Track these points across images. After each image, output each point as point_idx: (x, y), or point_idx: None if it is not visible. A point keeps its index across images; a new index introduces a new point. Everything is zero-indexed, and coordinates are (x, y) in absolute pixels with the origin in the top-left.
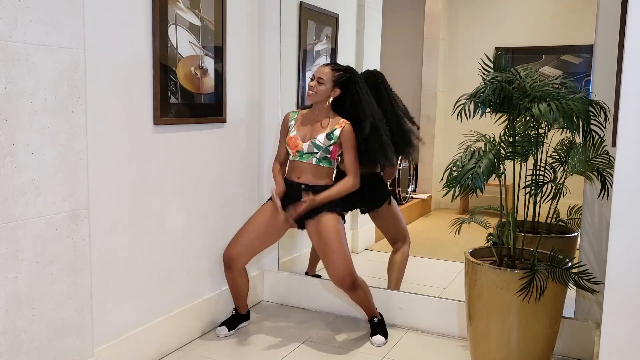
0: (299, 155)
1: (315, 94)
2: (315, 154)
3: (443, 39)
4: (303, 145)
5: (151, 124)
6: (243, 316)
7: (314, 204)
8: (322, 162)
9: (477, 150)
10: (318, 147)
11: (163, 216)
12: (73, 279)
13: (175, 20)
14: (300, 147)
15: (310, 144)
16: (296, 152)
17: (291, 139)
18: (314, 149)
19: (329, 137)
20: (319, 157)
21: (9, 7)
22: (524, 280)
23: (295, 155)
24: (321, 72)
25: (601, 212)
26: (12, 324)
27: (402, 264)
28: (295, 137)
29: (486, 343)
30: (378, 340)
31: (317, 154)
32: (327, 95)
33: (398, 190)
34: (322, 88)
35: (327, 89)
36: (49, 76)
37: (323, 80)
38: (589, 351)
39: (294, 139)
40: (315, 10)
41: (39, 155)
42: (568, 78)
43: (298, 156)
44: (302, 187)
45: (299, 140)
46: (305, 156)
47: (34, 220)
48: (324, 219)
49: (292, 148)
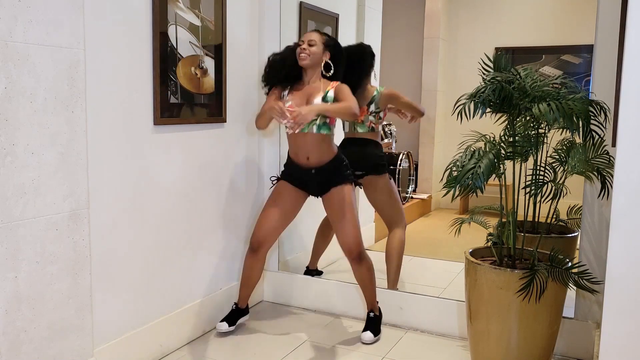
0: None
1: (309, 56)
2: (315, 120)
3: (443, 39)
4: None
5: (151, 124)
6: (242, 310)
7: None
8: (322, 129)
9: (477, 150)
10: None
11: (163, 216)
12: (73, 279)
13: (175, 20)
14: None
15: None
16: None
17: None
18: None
19: (325, 100)
20: (319, 124)
21: (9, 7)
22: (524, 280)
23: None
24: (309, 36)
25: (601, 212)
26: (12, 324)
27: (399, 252)
28: (291, 107)
29: (486, 343)
30: (366, 336)
31: (316, 120)
32: (319, 57)
33: (398, 190)
34: (314, 49)
35: (320, 50)
36: (49, 76)
37: (314, 42)
38: (589, 351)
39: (290, 108)
40: (315, 10)
41: (39, 155)
42: (568, 78)
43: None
44: (312, 172)
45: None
46: (306, 125)
47: (34, 220)
48: (339, 193)
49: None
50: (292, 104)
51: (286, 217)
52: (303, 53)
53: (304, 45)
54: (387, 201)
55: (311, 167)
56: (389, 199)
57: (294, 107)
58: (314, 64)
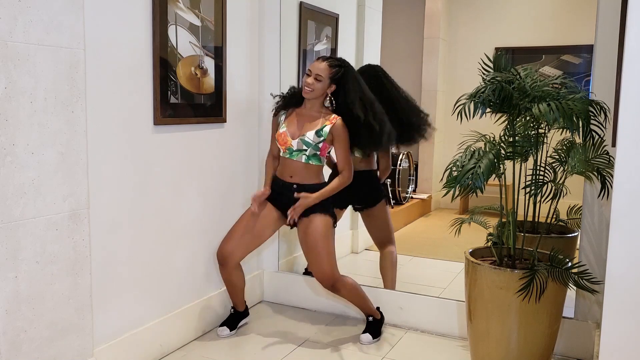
0: (288, 153)
1: (312, 92)
2: (305, 151)
3: (443, 39)
4: (292, 142)
5: (151, 124)
6: (242, 313)
7: (307, 202)
8: (312, 160)
9: (477, 150)
10: (307, 144)
11: (163, 216)
12: (73, 279)
13: (175, 20)
14: (289, 144)
15: (300, 141)
16: (286, 149)
17: (281, 135)
18: (303, 146)
19: (319, 134)
20: (308, 155)
21: (9, 7)
22: (524, 280)
23: (285, 152)
24: (318, 69)
25: (601, 212)
26: (12, 324)
27: (394, 265)
28: (285, 134)
29: (486, 343)
30: (364, 338)
31: (306, 151)
32: (323, 91)
33: (398, 190)
34: (319, 85)
35: (324, 85)
36: (49, 76)
37: (321, 77)
38: (589, 351)
39: (283, 135)
40: (315, 10)
41: (39, 155)
42: (568, 78)
43: (288, 153)
44: (293, 187)
45: (289, 137)
46: (295, 154)
47: (34, 220)
48: (315, 221)
49: (282, 144)
50: (285, 131)
51: (256, 235)
52: (308, 87)
53: (310, 79)
54: (379, 226)
55: (294, 183)
56: (381, 224)
57: (298, 208)
58: (316, 97)
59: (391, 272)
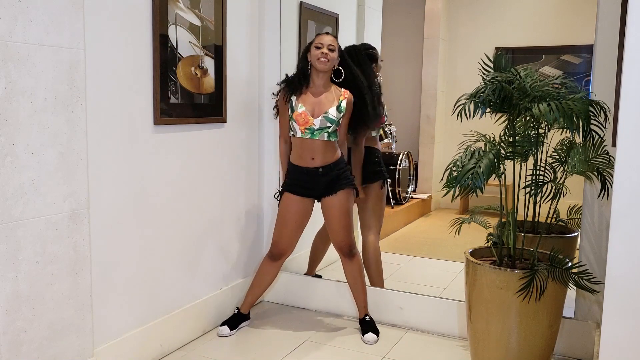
0: (309, 132)
1: (328, 62)
2: (328, 129)
3: (443, 39)
4: (315, 121)
5: (151, 124)
6: (244, 316)
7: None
8: (332, 136)
9: (477, 150)
10: (332, 120)
11: (163, 216)
12: (73, 279)
13: (175, 20)
14: (311, 123)
15: (323, 118)
16: (306, 129)
17: (300, 115)
18: (327, 123)
19: (339, 110)
20: (330, 132)
21: (9, 7)
22: (524, 280)
23: (305, 132)
24: (330, 40)
25: (601, 212)
26: (12, 324)
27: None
28: (305, 114)
29: (486, 343)
30: (371, 338)
31: (329, 128)
32: (335, 62)
33: (398, 190)
34: (334, 55)
35: (337, 55)
36: (49, 76)
37: (334, 47)
38: (589, 351)
39: (303, 115)
40: (315, 10)
41: (39, 155)
42: (568, 78)
43: (309, 133)
44: (319, 171)
45: (309, 116)
46: (316, 133)
47: (34, 220)
48: (345, 196)
49: (302, 125)
50: (304, 111)
51: (301, 226)
52: (324, 57)
53: (325, 50)
54: (371, 207)
55: (317, 166)
56: (375, 206)
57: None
58: (330, 68)
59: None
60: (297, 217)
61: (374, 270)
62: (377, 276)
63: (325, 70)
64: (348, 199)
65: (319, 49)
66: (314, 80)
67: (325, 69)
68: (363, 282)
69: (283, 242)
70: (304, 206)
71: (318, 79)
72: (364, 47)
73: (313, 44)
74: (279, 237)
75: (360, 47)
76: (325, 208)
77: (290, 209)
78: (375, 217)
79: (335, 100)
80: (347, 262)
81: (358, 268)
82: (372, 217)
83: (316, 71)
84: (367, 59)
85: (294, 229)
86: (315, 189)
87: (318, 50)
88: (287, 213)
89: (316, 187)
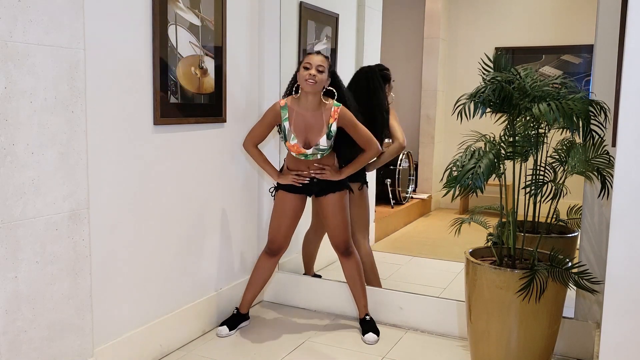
0: (303, 156)
1: (316, 84)
2: (322, 152)
3: (443, 39)
4: (307, 151)
5: (151, 124)
6: (243, 316)
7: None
8: (326, 152)
9: (477, 150)
10: (324, 149)
11: (163, 216)
12: (73, 279)
13: (175, 20)
14: (303, 152)
15: (314, 149)
16: (299, 154)
17: (293, 147)
18: (319, 153)
19: (329, 137)
20: (324, 153)
21: (9, 7)
22: (524, 280)
23: (300, 155)
24: (319, 60)
25: (601, 212)
26: (12, 324)
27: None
28: (297, 146)
29: (486, 343)
30: (371, 338)
31: (323, 152)
32: (324, 84)
33: (398, 190)
34: (323, 76)
35: (326, 77)
36: (49, 76)
37: (323, 69)
38: (589, 351)
39: (296, 147)
40: (315, 10)
41: (39, 155)
42: (568, 78)
43: (302, 156)
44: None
45: (302, 148)
46: (310, 156)
47: (34, 220)
48: (338, 197)
49: (295, 152)
50: (296, 143)
51: (295, 221)
52: (311, 80)
53: (312, 71)
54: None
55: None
56: (357, 209)
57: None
58: (318, 90)
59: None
60: (292, 212)
61: (370, 274)
62: (374, 280)
63: (314, 92)
64: (343, 197)
65: (307, 69)
66: (302, 99)
67: (312, 91)
68: (362, 282)
69: (280, 237)
70: (298, 203)
71: (307, 101)
72: (379, 67)
73: (302, 63)
74: (276, 232)
75: (375, 69)
76: (321, 206)
77: (285, 205)
78: (361, 222)
79: (325, 126)
80: (345, 262)
81: (356, 267)
82: (358, 222)
83: (304, 92)
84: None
85: (290, 224)
86: (309, 188)
87: (306, 71)
88: (283, 208)
89: (309, 187)
